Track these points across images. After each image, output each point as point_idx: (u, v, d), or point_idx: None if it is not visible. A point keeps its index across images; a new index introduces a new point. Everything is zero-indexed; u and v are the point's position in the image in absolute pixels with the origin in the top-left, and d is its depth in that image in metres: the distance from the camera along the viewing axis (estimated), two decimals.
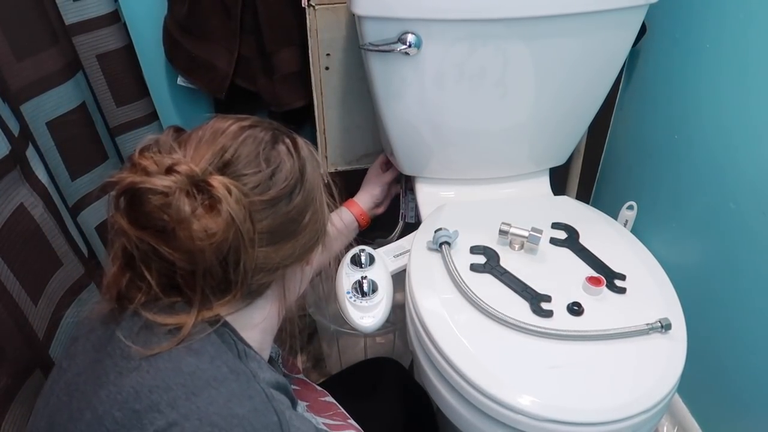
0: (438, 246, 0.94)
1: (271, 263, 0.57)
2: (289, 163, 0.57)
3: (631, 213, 1.22)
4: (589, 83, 1.03)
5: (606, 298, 0.88)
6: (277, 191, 0.55)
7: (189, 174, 0.50)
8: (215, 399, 0.51)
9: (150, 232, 0.51)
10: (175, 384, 0.51)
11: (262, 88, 1.16)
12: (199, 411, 0.50)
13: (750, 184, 0.94)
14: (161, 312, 0.54)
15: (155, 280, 0.54)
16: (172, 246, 0.51)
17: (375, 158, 1.25)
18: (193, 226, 0.50)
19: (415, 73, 0.95)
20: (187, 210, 0.49)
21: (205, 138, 0.55)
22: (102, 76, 1.10)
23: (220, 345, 0.55)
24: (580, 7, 0.89)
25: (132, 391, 0.51)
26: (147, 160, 0.51)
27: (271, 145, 0.57)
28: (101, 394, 0.52)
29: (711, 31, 0.99)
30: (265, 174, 0.55)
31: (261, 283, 0.58)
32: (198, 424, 0.49)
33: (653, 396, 0.74)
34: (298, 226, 0.58)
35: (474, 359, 0.78)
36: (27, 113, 0.89)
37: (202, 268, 0.52)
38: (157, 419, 0.49)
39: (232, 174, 0.53)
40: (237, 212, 0.51)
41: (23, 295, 0.77)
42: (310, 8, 1.04)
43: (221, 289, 0.55)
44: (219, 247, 0.51)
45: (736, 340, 1.03)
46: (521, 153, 1.13)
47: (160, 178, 0.50)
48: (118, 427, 0.50)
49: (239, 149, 0.54)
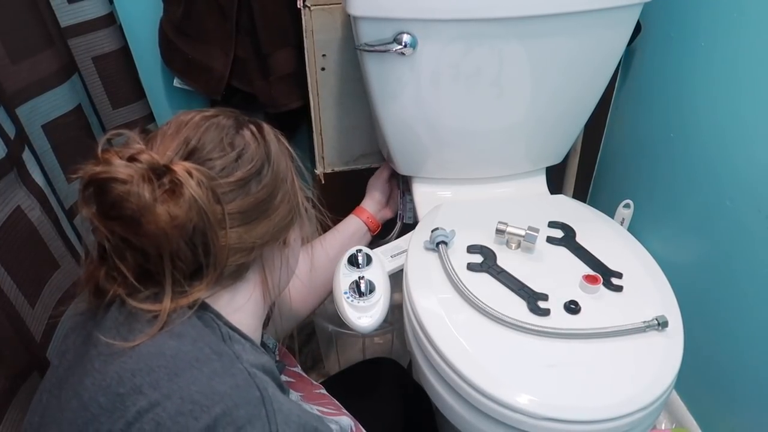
0: (435, 246, 0.94)
1: (245, 243, 0.58)
2: (254, 145, 0.59)
3: (628, 211, 1.22)
4: (585, 82, 1.03)
5: (603, 296, 0.88)
6: (244, 172, 0.57)
7: (150, 161, 0.52)
8: (197, 378, 0.52)
9: (118, 222, 0.52)
10: (157, 366, 0.52)
11: (259, 89, 1.16)
12: (181, 390, 0.51)
13: (746, 181, 0.95)
14: (145, 300, 0.55)
15: (130, 271, 0.55)
16: (139, 233, 0.52)
17: (372, 158, 1.26)
18: (157, 210, 0.51)
19: (410, 74, 0.95)
20: (147, 196, 0.50)
21: (170, 131, 0.57)
22: (98, 79, 1.10)
23: (203, 328, 0.56)
24: (576, 6, 0.90)
25: (116, 376, 0.52)
26: (109, 152, 0.53)
27: (234, 130, 0.59)
28: (86, 382, 0.53)
29: (706, 30, 0.99)
30: (230, 157, 0.57)
31: (239, 265, 0.59)
32: (179, 402, 0.50)
33: (651, 393, 0.74)
34: (269, 205, 0.60)
35: (472, 358, 0.78)
36: (23, 116, 0.89)
37: (168, 251, 0.53)
38: (140, 400, 0.50)
39: (198, 160, 0.55)
40: (199, 194, 0.52)
41: (20, 298, 0.77)
42: (305, 9, 1.04)
43: (193, 273, 0.56)
44: (183, 229, 0.52)
45: (732, 336, 1.03)
46: (518, 152, 1.13)
47: (121, 167, 0.51)
48: (102, 411, 0.51)
49: (203, 137, 0.56)
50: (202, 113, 0.60)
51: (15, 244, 0.77)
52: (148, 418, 0.49)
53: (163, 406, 0.50)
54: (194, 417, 0.49)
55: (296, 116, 1.26)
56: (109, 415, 0.50)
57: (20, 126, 0.87)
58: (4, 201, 0.76)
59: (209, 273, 0.56)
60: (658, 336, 0.82)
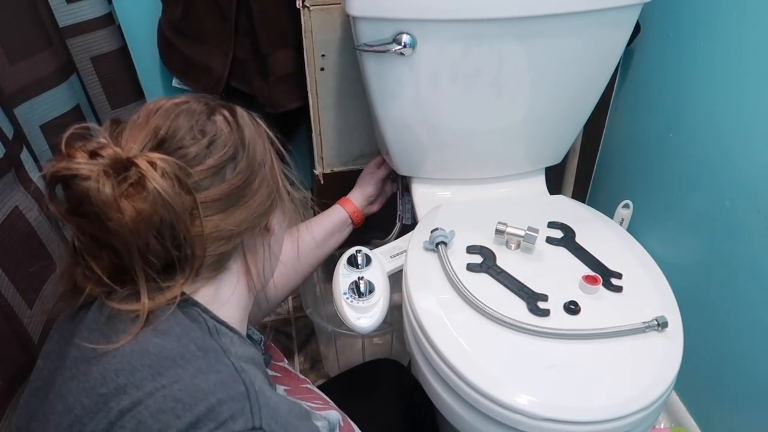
0: (434, 246, 0.94)
1: (223, 232, 0.57)
2: (226, 131, 0.58)
3: (627, 211, 1.22)
4: (584, 82, 1.03)
5: (602, 296, 0.88)
6: (217, 159, 0.56)
7: (112, 156, 0.51)
8: (181, 376, 0.51)
9: (84, 218, 0.51)
10: (141, 365, 0.51)
11: (257, 89, 1.16)
12: (164, 388, 0.50)
13: (745, 181, 0.95)
14: (124, 300, 0.54)
15: (103, 269, 0.54)
16: (106, 229, 0.51)
17: (371, 159, 1.25)
18: (122, 206, 0.50)
19: (410, 74, 0.95)
20: (108, 192, 0.49)
21: (139, 121, 0.56)
22: (96, 79, 1.10)
23: (189, 324, 0.55)
24: (575, 7, 0.89)
25: (99, 376, 0.51)
26: (73, 148, 0.51)
27: (206, 116, 0.58)
28: (71, 384, 0.52)
29: (705, 30, 0.99)
30: (201, 144, 0.55)
31: (219, 254, 0.58)
32: (162, 400, 0.49)
33: (650, 394, 0.74)
34: (246, 191, 0.59)
35: (471, 359, 0.78)
36: (21, 116, 0.89)
37: (137, 246, 0.52)
38: (123, 400, 0.49)
39: (168, 149, 0.54)
40: (163, 186, 0.51)
41: (18, 299, 0.77)
42: (304, 9, 1.04)
43: (167, 267, 0.55)
44: (150, 223, 0.51)
45: (732, 337, 1.03)
46: (517, 152, 1.13)
47: (83, 163, 0.50)
48: (86, 412, 0.50)
49: (173, 125, 0.55)
50: (172, 100, 0.58)
51: (13, 244, 0.77)
52: (130, 416, 0.49)
53: (145, 405, 0.49)
54: (176, 415, 0.49)
55: (295, 116, 1.26)
56: (93, 416, 0.50)
57: (18, 126, 0.87)
58: (2, 201, 0.76)
59: (187, 265, 0.55)
60: (657, 336, 0.81)
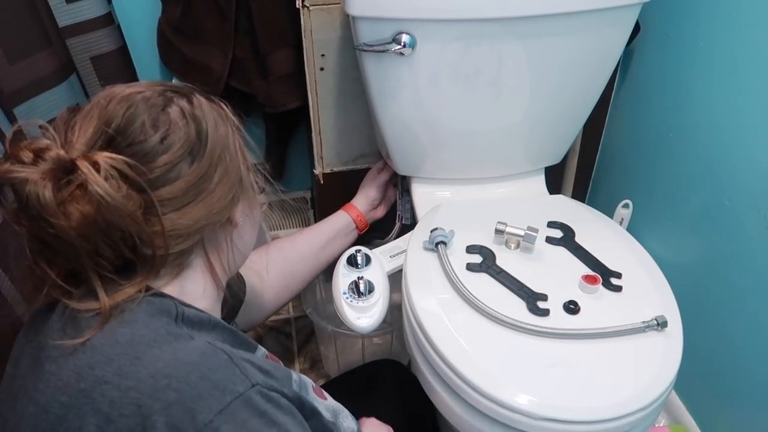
0: (434, 246, 0.94)
1: (181, 228, 0.55)
2: (181, 124, 0.55)
3: (627, 211, 1.22)
4: (584, 82, 1.03)
5: (602, 296, 0.88)
6: (171, 155, 0.53)
7: (56, 158, 0.49)
8: (160, 356, 0.50)
9: (33, 223, 0.50)
10: (115, 355, 0.50)
11: (257, 89, 1.16)
12: (148, 369, 0.49)
13: (744, 181, 0.95)
14: (82, 300, 0.53)
15: (55, 271, 0.53)
16: (52, 234, 0.49)
17: (371, 158, 1.25)
18: (66, 210, 0.48)
19: (409, 74, 0.95)
20: (48, 196, 0.48)
21: (91, 113, 0.53)
22: (96, 78, 1.10)
23: (154, 311, 0.54)
24: (575, 6, 0.89)
25: (72, 374, 0.50)
26: (19, 148, 0.50)
27: (160, 108, 0.55)
28: (40, 386, 0.51)
29: (704, 30, 0.99)
30: (153, 141, 0.53)
31: (179, 252, 0.56)
32: (152, 380, 0.48)
33: (650, 393, 0.74)
34: (205, 187, 0.56)
35: (471, 359, 0.78)
36: (21, 116, 0.89)
37: (86, 251, 0.51)
38: (108, 390, 0.49)
39: (117, 147, 0.52)
40: (106, 189, 0.49)
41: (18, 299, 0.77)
42: (304, 9, 1.04)
43: (123, 267, 0.54)
44: (97, 227, 0.50)
45: (732, 336, 1.03)
46: (516, 152, 1.13)
47: (24, 168, 0.48)
48: (67, 410, 0.49)
49: (124, 118, 0.53)
50: (126, 89, 0.55)
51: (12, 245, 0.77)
52: (125, 403, 0.48)
53: (136, 389, 0.48)
54: (173, 389, 0.48)
55: (295, 116, 1.26)
56: (77, 412, 0.49)
57: None
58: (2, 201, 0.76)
59: (146, 264, 0.54)
60: (657, 336, 0.81)
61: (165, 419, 0.47)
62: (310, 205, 1.52)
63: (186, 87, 0.59)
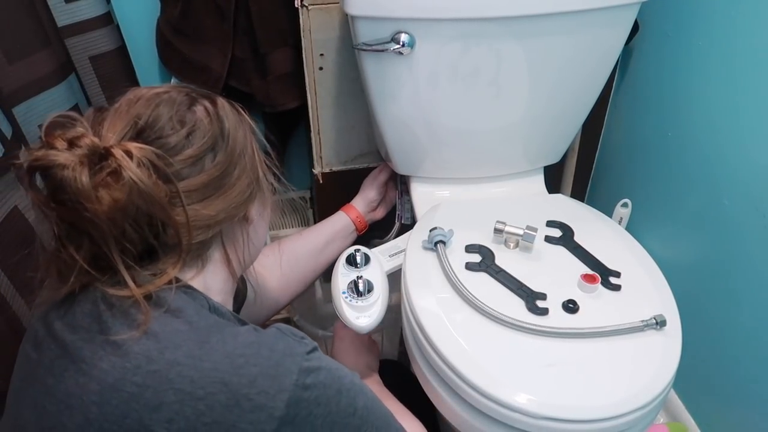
0: (433, 245, 0.94)
1: (203, 219, 0.58)
2: (206, 121, 0.59)
3: (626, 210, 1.22)
4: (583, 81, 1.03)
5: (601, 295, 0.88)
6: (196, 149, 0.57)
7: (90, 145, 0.52)
8: (224, 339, 0.54)
9: (62, 207, 0.52)
10: (181, 341, 0.53)
11: (256, 89, 1.16)
12: (219, 352, 0.53)
13: (743, 180, 0.95)
14: (116, 286, 0.55)
15: (83, 257, 0.55)
16: (83, 218, 0.52)
17: (370, 158, 1.25)
18: (99, 195, 0.51)
19: (408, 73, 0.95)
20: (86, 181, 0.51)
21: (120, 109, 0.57)
22: (95, 78, 1.10)
23: (194, 303, 0.58)
24: (573, 6, 0.90)
25: (141, 357, 0.52)
26: (53, 137, 0.52)
27: (186, 106, 0.59)
28: (102, 365, 0.53)
29: (703, 29, 0.99)
30: (180, 134, 0.56)
31: (200, 242, 0.59)
32: (229, 361, 0.53)
33: (649, 392, 0.74)
34: (226, 182, 0.60)
35: (470, 358, 0.78)
36: (20, 116, 0.88)
37: (114, 235, 0.53)
38: (184, 371, 0.52)
39: (147, 139, 0.55)
40: (139, 176, 0.52)
41: (17, 298, 0.77)
42: (303, 9, 1.04)
43: (150, 255, 0.57)
44: (127, 212, 0.53)
45: (730, 334, 1.03)
46: (516, 152, 1.13)
47: (60, 153, 0.51)
48: (142, 389, 0.51)
49: (153, 114, 0.56)
50: (154, 90, 0.59)
51: (12, 244, 0.77)
52: (208, 381, 0.51)
53: (216, 369, 0.52)
54: (252, 364, 0.53)
55: (294, 116, 1.26)
56: (154, 390, 0.51)
57: (17, 126, 0.86)
58: (2, 201, 0.76)
59: (168, 253, 0.57)
60: (656, 335, 0.82)
61: (256, 390, 0.52)
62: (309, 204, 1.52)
63: (208, 92, 0.63)
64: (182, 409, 0.51)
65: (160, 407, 0.51)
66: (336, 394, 0.56)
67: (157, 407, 0.51)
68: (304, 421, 0.53)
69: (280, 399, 0.52)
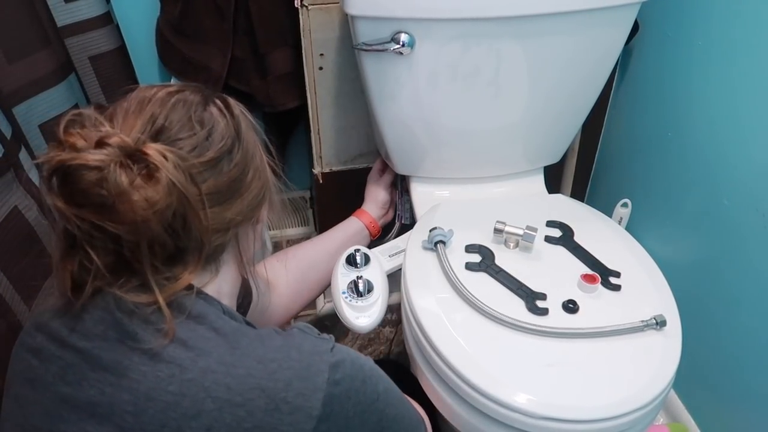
0: (433, 245, 0.94)
1: (222, 222, 0.57)
2: (223, 122, 0.57)
3: (626, 210, 1.22)
4: (583, 81, 1.03)
5: (601, 295, 0.88)
6: (216, 151, 0.55)
7: (121, 145, 0.50)
8: (251, 344, 0.55)
9: (89, 209, 0.50)
10: (211, 347, 0.54)
11: (256, 89, 1.16)
12: (251, 357, 0.54)
13: (743, 180, 0.95)
14: (133, 291, 0.54)
15: (101, 260, 0.53)
16: (115, 220, 0.50)
17: (370, 158, 1.25)
18: (134, 197, 0.49)
19: (408, 73, 0.95)
20: (125, 182, 0.49)
21: (132, 108, 0.54)
22: (95, 78, 1.09)
23: (212, 309, 0.57)
24: (573, 6, 0.90)
25: (174, 365, 0.52)
26: (74, 136, 0.50)
27: (202, 107, 0.57)
28: (132, 375, 0.52)
29: (703, 29, 0.99)
30: (200, 136, 0.55)
31: (217, 245, 0.59)
32: (262, 366, 0.53)
33: (649, 392, 0.74)
34: (242, 183, 0.59)
35: (470, 358, 0.78)
36: (20, 116, 0.88)
37: (147, 238, 0.51)
38: (219, 378, 0.52)
39: (167, 140, 0.53)
40: (177, 177, 0.50)
41: (16, 298, 0.77)
42: (302, 9, 1.04)
43: (174, 259, 0.55)
44: (163, 215, 0.51)
45: (730, 334, 1.03)
46: (515, 152, 1.13)
47: (91, 153, 0.49)
48: (179, 397, 0.51)
49: (170, 115, 0.54)
50: (165, 88, 0.57)
51: (12, 244, 0.77)
52: (246, 388, 0.52)
53: (251, 375, 0.52)
54: (285, 368, 0.54)
55: (294, 116, 1.26)
56: (192, 398, 0.51)
57: (17, 126, 0.86)
58: (2, 201, 0.76)
59: (193, 256, 0.56)
60: (656, 335, 0.82)
61: (293, 393, 0.53)
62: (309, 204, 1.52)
63: (216, 91, 0.61)
64: (221, 416, 0.51)
65: (199, 415, 0.51)
66: (361, 384, 0.58)
67: (196, 416, 0.51)
68: (338, 415, 0.55)
69: (316, 398, 0.54)
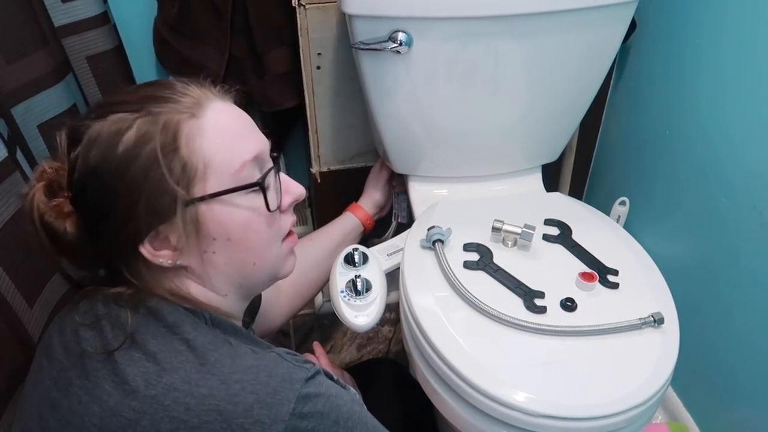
0: (431, 244, 0.94)
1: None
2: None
3: (624, 208, 1.22)
4: (580, 80, 1.03)
5: (599, 293, 0.88)
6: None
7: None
8: (221, 360, 0.53)
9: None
10: (177, 362, 0.53)
11: (254, 88, 1.16)
12: (216, 376, 0.52)
13: (741, 178, 0.95)
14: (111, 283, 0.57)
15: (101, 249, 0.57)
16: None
17: (368, 157, 1.25)
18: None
19: (406, 72, 0.95)
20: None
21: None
22: (92, 78, 1.09)
23: (189, 315, 0.57)
24: (571, 4, 0.90)
25: (140, 379, 0.52)
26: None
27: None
28: (104, 385, 0.53)
29: (700, 27, 0.99)
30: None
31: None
32: (225, 387, 0.51)
33: (647, 390, 0.75)
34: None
35: (468, 356, 0.78)
36: (18, 116, 0.88)
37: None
38: (180, 397, 0.51)
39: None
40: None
41: (18, 298, 0.77)
42: (300, 8, 1.04)
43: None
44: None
45: (728, 333, 1.03)
46: (513, 150, 1.14)
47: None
48: (139, 415, 0.51)
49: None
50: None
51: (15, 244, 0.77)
52: (204, 410, 0.50)
53: (212, 396, 0.51)
54: (249, 392, 0.52)
55: (292, 115, 1.26)
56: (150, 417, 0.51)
57: (15, 127, 0.86)
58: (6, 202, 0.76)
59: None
60: (653, 333, 0.82)
61: (251, 420, 0.50)
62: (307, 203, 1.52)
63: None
64: None
65: None
66: (332, 425, 0.55)
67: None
68: None
69: (275, 429, 0.51)
